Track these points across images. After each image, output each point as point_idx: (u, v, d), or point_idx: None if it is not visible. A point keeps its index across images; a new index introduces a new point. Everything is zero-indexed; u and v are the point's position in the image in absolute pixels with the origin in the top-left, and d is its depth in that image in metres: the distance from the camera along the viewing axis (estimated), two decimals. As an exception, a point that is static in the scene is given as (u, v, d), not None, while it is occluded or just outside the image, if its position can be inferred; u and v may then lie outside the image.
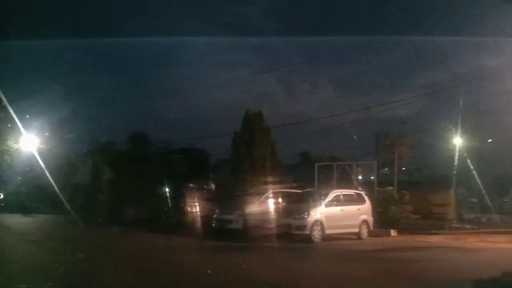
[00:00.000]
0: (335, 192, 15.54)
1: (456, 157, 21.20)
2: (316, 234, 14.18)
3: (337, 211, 15.12)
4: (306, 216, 14.18)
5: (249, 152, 24.51)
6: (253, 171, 24.04)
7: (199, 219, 18.55)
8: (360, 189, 17.78)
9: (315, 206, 14.65)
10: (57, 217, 21.72)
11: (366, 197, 16.64)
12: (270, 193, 16.73)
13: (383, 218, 18.00)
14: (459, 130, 21.24)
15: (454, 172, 20.98)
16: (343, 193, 15.90)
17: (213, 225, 16.66)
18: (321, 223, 14.37)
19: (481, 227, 19.93)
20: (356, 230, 15.70)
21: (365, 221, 16.09)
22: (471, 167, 20.73)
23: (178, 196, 20.94)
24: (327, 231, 14.49)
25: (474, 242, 15.32)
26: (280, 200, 16.79)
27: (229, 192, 20.40)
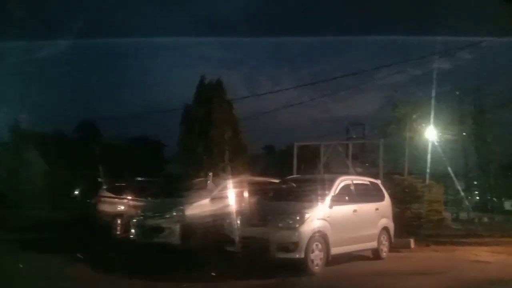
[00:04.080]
0: (343, 181, 8.26)
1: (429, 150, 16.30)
2: (317, 257, 6.90)
3: (349, 214, 7.89)
4: (297, 224, 6.85)
5: (204, 131, 17.04)
6: (209, 156, 16.66)
7: (118, 224, 11.11)
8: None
9: (312, 205, 7.34)
10: None
11: (384, 190, 9.56)
12: (229, 184, 9.33)
13: (399, 221, 10.91)
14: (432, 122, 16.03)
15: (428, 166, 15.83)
16: (354, 182, 8.68)
17: (132, 236, 9.08)
18: (325, 236, 7.10)
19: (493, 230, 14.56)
20: (374, 244, 8.58)
21: (385, 229, 9.02)
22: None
23: (93, 193, 13.12)
24: (334, 250, 7.24)
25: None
26: (246, 195, 9.36)
27: (171, 185, 12.87)
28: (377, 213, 8.82)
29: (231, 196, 9.00)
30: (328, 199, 7.53)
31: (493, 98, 23.62)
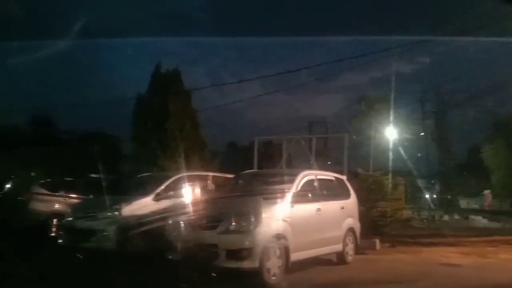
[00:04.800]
0: (306, 176, 7.16)
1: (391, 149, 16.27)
2: (274, 265, 5.75)
3: (312, 213, 6.81)
4: (251, 226, 5.66)
5: (159, 124, 15.55)
6: (164, 151, 15.19)
7: (53, 225, 9.54)
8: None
9: (270, 204, 6.17)
10: None
11: (350, 187, 8.58)
12: (177, 180, 8.04)
13: (364, 220, 9.96)
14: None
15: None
16: (318, 177, 7.61)
17: (60, 240, 7.59)
18: (284, 240, 5.97)
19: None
20: (339, 247, 7.57)
21: (351, 230, 8.04)
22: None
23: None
24: (294, 256, 6.13)
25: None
26: (197, 192, 8.05)
27: (116, 181, 11.36)
28: (343, 212, 7.82)
29: (178, 194, 7.73)
30: (289, 196, 6.41)
31: (452, 98, 23.68)
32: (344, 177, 8.75)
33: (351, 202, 8.32)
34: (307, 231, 6.49)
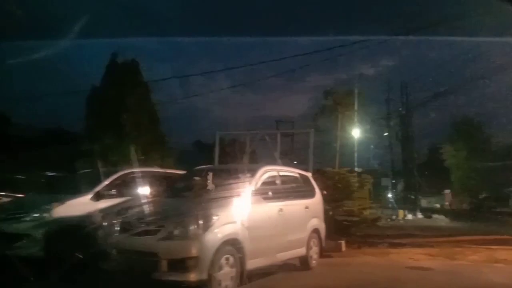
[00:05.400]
0: (267, 171, 6.32)
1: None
2: (226, 276, 4.87)
3: (273, 214, 5.98)
4: (200, 231, 4.75)
5: (115, 118, 14.31)
6: (119, 148, 13.95)
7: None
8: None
9: (223, 204, 5.28)
10: None
11: (315, 185, 7.83)
12: (121, 177, 7.00)
13: (329, 220, 9.26)
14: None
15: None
16: (281, 173, 6.79)
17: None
18: (239, 246, 5.10)
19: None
20: (303, 251, 6.78)
21: (316, 232, 7.28)
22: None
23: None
24: (251, 264, 5.28)
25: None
26: (144, 191, 7.01)
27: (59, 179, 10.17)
28: (307, 212, 7.04)
29: (122, 193, 6.71)
30: (246, 194, 5.55)
31: (417, 97, 23.73)
32: (309, 174, 8.00)
33: (316, 201, 7.56)
34: (267, 235, 5.66)
